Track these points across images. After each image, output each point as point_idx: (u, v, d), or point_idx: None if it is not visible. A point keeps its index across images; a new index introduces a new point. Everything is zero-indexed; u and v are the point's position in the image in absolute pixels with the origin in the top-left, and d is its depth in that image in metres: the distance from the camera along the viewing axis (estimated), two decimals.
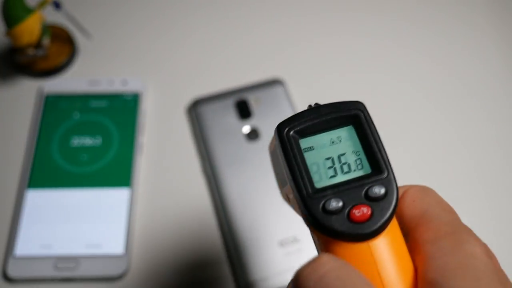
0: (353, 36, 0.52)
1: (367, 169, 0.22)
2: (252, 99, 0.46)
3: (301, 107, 0.46)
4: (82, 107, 0.45)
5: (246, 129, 0.44)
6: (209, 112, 0.45)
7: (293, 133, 0.23)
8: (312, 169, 0.22)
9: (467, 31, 0.53)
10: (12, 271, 0.38)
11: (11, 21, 0.42)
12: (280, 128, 0.23)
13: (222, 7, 0.53)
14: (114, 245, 0.39)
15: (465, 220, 0.41)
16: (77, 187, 0.42)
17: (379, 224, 0.21)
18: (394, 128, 0.46)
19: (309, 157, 0.23)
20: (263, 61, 0.50)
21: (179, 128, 0.46)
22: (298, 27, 0.52)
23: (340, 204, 0.21)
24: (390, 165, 0.22)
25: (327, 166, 0.22)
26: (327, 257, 0.20)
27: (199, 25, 0.52)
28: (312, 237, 0.23)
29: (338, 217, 0.21)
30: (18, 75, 0.48)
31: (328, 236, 0.21)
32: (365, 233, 0.20)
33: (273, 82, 0.47)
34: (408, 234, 0.22)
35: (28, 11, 0.43)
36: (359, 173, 0.22)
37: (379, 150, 0.22)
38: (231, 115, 0.45)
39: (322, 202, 0.21)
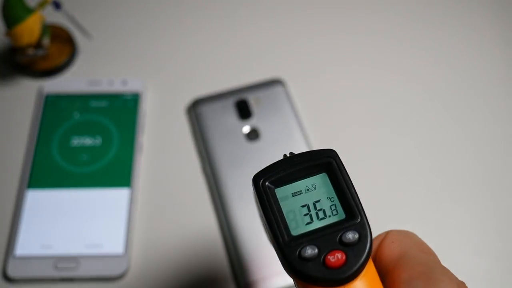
0: (353, 36, 0.52)
1: (342, 215, 0.23)
2: (252, 99, 0.46)
3: (301, 107, 0.46)
4: (82, 107, 0.45)
5: (246, 129, 0.44)
6: (209, 112, 0.45)
7: (268, 183, 0.24)
8: (289, 217, 0.23)
9: (467, 29, 0.53)
10: (12, 271, 0.38)
11: (11, 21, 0.42)
12: (256, 179, 0.24)
13: (222, 7, 0.53)
14: (114, 245, 0.39)
15: (468, 220, 0.41)
16: (77, 187, 0.42)
17: (354, 268, 0.21)
18: (394, 128, 0.46)
19: (285, 205, 0.23)
20: (263, 61, 0.50)
21: (179, 128, 0.46)
22: (298, 27, 0.52)
23: (316, 251, 0.22)
24: (363, 210, 0.23)
25: (303, 213, 0.23)
26: None
27: (199, 25, 0.52)
28: (294, 282, 0.24)
29: (314, 264, 0.21)
30: (18, 75, 0.48)
31: (306, 282, 0.22)
32: (341, 278, 0.21)
33: (273, 82, 0.47)
34: (386, 275, 0.23)
35: (28, 11, 0.43)
36: (334, 219, 0.23)
37: (352, 196, 0.23)
38: (231, 115, 0.45)
39: (298, 249, 0.22)
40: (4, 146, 0.44)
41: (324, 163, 0.24)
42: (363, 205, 0.23)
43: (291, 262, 0.22)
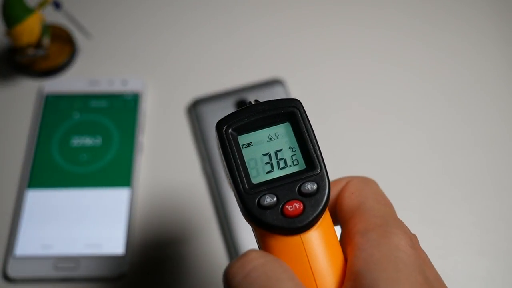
0: (353, 35, 0.52)
1: (302, 165, 0.23)
2: (252, 99, 0.45)
3: None
4: (82, 107, 0.45)
5: None
6: (209, 112, 0.45)
7: (231, 130, 0.24)
8: (250, 165, 0.23)
9: (467, 27, 0.53)
10: (12, 271, 0.38)
11: (11, 21, 0.42)
12: (219, 125, 0.24)
13: (222, 7, 0.53)
14: (114, 245, 0.39)
15: (471, 220, 0.41)
16: (77, 187, 0.42)
17: (310, 218, 0.22)
18: (394, 128, 0.46)
19: (247, 153, 0.24)
20: (263, 61, 0.50)
21: (179, 128, 0.46)
22: (298, 27, 0.52)
23: (274, 199, 0.22)
24: (323, 162, 0.23)
25: (265, 162, 0.23)
26: (255, 253, 0.21)
27: (199, 25, 0.52)
28: (252, 230, 0.24)
29: (272, 212, 0.22)
30: (18, 75, 0.48)
31: (263, 230, 0.22)
32: (297, 227, 0.22)
33: (273, 82, 0.47)
34: (344, 225, 0.23)
35: (28, 11, 0.43)
36: (295, 169, 0.23)
37: (313, 147, 0.23)
38: None
39: (258, 197, 0.22)
40: (4, 146, 0.44)
41: (288, 112, 0.24)
42: (323, 157, 0.23)
43: (250, 209, 0.22)
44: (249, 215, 0.22)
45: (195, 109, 0.45)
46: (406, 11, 0.54)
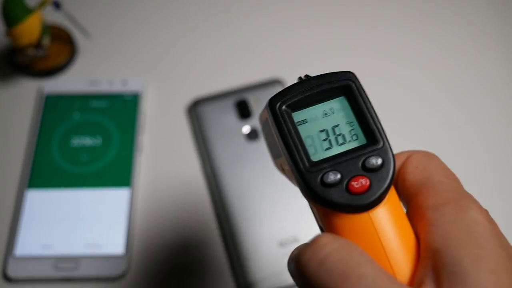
0: (354, 35, 0.52)
1: (362, 140, 0.22)
2: (252, 99, 0.46)
3: None
4: (82, 107, 0.45)
5: (246, 129, 0.44)
6: (209, 112, 0.45)
7: (285, 107, 0.22)
8: (307, 142, 0.22)
9: (467, 26, 0.53)
10: (12, 271, 0.38)
11: (11, 21, 0.42)
12: (272, 103, 0.23)
13: (222, 7, 0.53)
14: (114, 245, 0.39)
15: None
16: (77, 187, 0.42)
17: (378, 194, 0.21)
18: (394, 128, 0.46)
19: (303, 130, 0.22)
20: (263, 61, 0.50)
21: (179, 128, 0.46)
22: (298, 26, 0.52)
23: (338, 176, 0.21)
24: (385, 135, 0.22)
25: (322, 138, 0.22)
26: (326, 238, 0.20)
27: (199, 25, 0.52)
28: (311, 209, 0.23)
29: (336, 190, 0.21)
30: (18, 75, 0.48)
31: (328, 208, 0.21)
32: (365, 203, 0.21)
33: (273, 82, 0.47)
34: (410, 200, 0.22)
35: (28, 11, 0.43)
36: (355, 144, 0.22)
37: (373, 120, 0.22)
38: (231, 115, 0.45)
39: (320, 175, 0.21)
40: (4, 146, 0.44)
41: (343, 86, 0.23)
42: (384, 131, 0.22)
43: (313, 188, 0.21)
44: (312, 194, 0.21)
45: (195, 109, 0.45)
46: (407, 10, 0.54)
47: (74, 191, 0.41)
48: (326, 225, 0.22)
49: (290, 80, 0.47)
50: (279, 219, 0.40)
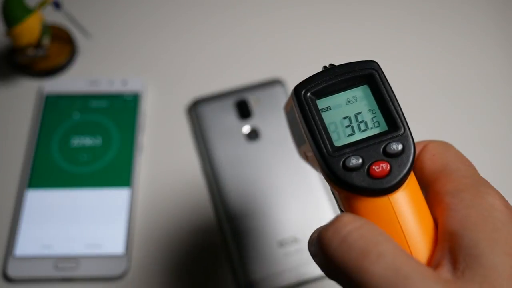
0: (354, 34, 0.52)
1: (384, 127, 0.23)
2: (252, 99, 0.46)
3: None
4: (82, 107, 0.45)
5: (246, 129, 0.44)
6: (209, 112, 0.45)
7: (310, 95, 0.23)
8: (331, 128, 0.23)
9: (467, 25, 0.53)
10: (12, 271, 0.38)
11: (11, 21, 0.42)
12: (297, 90, 0.23)
13: (222, 7, 0.53)
14: (114, 245, 0.39)
15: None
16: (77, 187, 0.42)
17: (398, 178, 0.21)
18: None
19: (326, 117, 0.23)
20: (263, 61, 0.50)
21: (179, 128, 0.46)
22: (298, 27, 0.52)
23: (360, 161, 0.22)
24: (406, 122, 0.23)
25: (345, 125, 0.23)
26: (348, 217, 0.21)
27: (199, 25, 0.52)
28: (333, 193, 0.24)
29: (358, 174, 0.22)
30: (18, 75, 0.48)
31: (349, 192, 0.22)
32: (385, 187, 0.21)
33: (273, 82, 0.47)
34: (428, 187, 0.23)
35: (28, 11, 0.43)
36: (376, 131, 0.23)
37: (395, 108, 0.23)
38: (231, 115, 0.45)
39: (342, 159, 0.22)
40: (4, 146, 0.44)
41: (366, 74, 0.24)
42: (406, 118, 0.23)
43: (335, 172, 0.22)
44: (335, 178, 0.22)
45: (195, 109, 0.45)
46: (407, 9, 0.54)
47: (74, 191, 0.41)
48: (347, 208, 0.23)
49: (290, 80, 0.48)
50: (279, 219, 0.40)
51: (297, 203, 0.41)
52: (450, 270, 0.19)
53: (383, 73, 0.24)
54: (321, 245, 0.20)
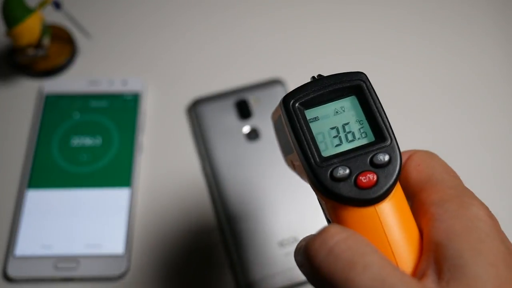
0: (354, 34, 0.52)
1: (371, 137, 0.23)
2: (252, 99, 0.46)
3: None
4: (82, 107, 0.45)
5: (246, 129, 0.44)
6: (209, 112, 0.45)
7: (298, 105, 0.24)
8: (318, 139, 0.23)
9: (467, 26, 0.53)
10: (12, 271, 0.38)
11: (11, 21, 0.42)
12: (285, 100, 0.24)
13: (222, 7, 0.53)
14: (114, 245, 0.39)
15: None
16: (77, 187, 0.42)
17: (384, 189, 0.22)
18: (394, 128, 0.46)
19: (314, 127, 0.24)
20: (263, 61, 0.50)
21: (179, 128, 0.46)
22: (299, 26, 0.52)
23: (347, 171, 0.22)
24: (393, 133, 0.23)
25: (333, 135, 0.23)
26: (335, 228, 0.21)
27: (199, 25, 0.52)
28: (320, 202, 0.24)
29: (345, 184, 0.22)
30: (18, 75, 0.48)
31: (336, 202, 0.22)
32: (372, 198, 0.22)
33: (273, 82, 0.47)
34: (414, 197, 0.23)
35: (28, 11, 0.43)
36: (364, 141, 0.23)
37: (382, 119, 0.23)
38: (231, 115, 0.45)
39: (330, 170, 0.22)
40: (4, 146, 0.44)
41: (354, 85, 0.24)
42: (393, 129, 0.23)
43: (322, 182, 0.22)
44: (322, 188, 0.22)
45: (195, 109, 0.45)
46: (407, 9, 0.54)
47: (74, 191, 0.41)
48: (334, 218, 0.23)
49: (290, 80, 0.48)
50: (279, 219, 0.40)
51: (297, 203, 0.41)
52: (435, 281, 0.20)
53: (370, 84, 0.24)
54: (307, 256, 0.21)
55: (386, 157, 0.22)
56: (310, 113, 0.24)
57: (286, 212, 0.40)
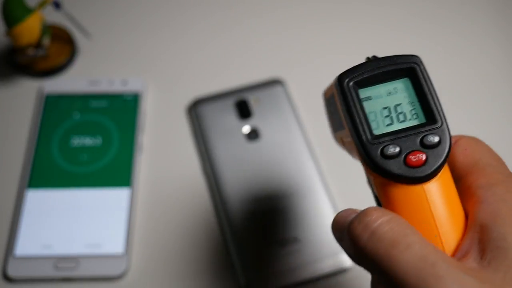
0: (354, 34, 0.52)
1: (422, 119, 0.24)
2: (252, 99, 0.46)
3: (301, 107, 0.47)
4: (82, 107, 0.45)
5: (246, 129, 0.44)
6: (209, 112, 0.45)
7: (353, 84, 0.24)
8: (370, 117, 0.24)
9: (467, 26, 0.53)
10: (12, 271, 0.38)
11: (11, 21, 0.42)
12: (340, 79, 0.25)
13: (223, 7, 0.53)
14: (114, 245, 0.39)
15: None
16: (77, 187, 0.42)
17: (432, 169, 0.23)
18: None
19: (367, 106, 0.24)
20: (263, 61, 0.50)
21: (179, 128, 0.46)
22: (299, 26, 0.52)
23: (398, 149, 0.23)
24: (444, 116, 0.24)
25: (384, 115, 0.24)
26: (377, 212, 0.22)
27: (199, 25, 0.52)
28: (368, 179, 0.25)
29: (395, 162, 0.23)
30: (18, 75, 0.48)
31: (385, 178, 0.23)
32: (420, 176, 0.23)
33: (273, 82, 0.47)
34: (459, 180, 0.24)
35: (28, 11, 0.43)
36: (415, 122, 0.24)
37: (434, 101, 0.24)
38: (231, 115, 0.45)
39: (381, 147, 0.23)
40: (4, 146, 0.44)
41: (408, 68, 0.25)
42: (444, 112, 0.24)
43: (373, 158, 0.23)
44: (372, 164, 0.23)
45: (195, 109, 0.45)
46: (407, 9, 0.54)
47: (74, 191, 0.41)
48: (381, 194, 0.24)
49: (290, 80, 0.48)
50: (279, 219, 0.40)
51: (297, 203, 0.41)
52: (476, 260, 0.21)
53: (424, 67, 0.25)
54: (351, 237, 0.22)
55: (436, 139, 0.23)
56: (363, 92, 0.24)
57: (286, 212, 0.40)
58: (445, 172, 0.23)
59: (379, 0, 0.54)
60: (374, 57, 0.25)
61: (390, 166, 0.23)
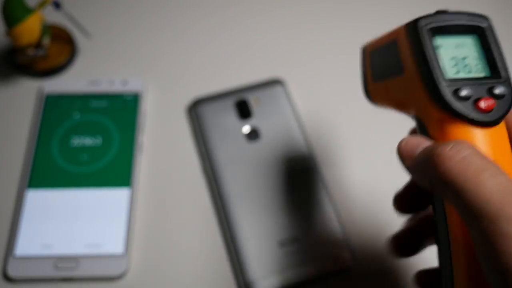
0: (354, 34, 0.52)
1: (488, 73, 0.26)
2: (252, 99, 0.46)
3: (301, 107, 0.47)
4: (82, 107, 0.45)
5: (246, 129, 0.44)
6: (209, 112, 0.45)
7: (429, 29, 0.26)
8: (441, 63, 0.25)
9: None
10: (12, 271, 0.38)
11: (11, 21, 0.42)
12: (419, 23, 0.26)
13: (222, 7, 0.53)
14: (114, 244, 0.39)
15: None
16: (77, 187, 0.42)
17: (499, 115, 0.25)
18: (393, 128, 0.46)
19: (438, 53, 0.26)
20: (263, 61, 0.50)
21: (179, 128, 0.46)
22: (299, 26, 0.52)
23: (470, 93, 0.25)
24: (509, 73, 0.25)
25: (451, 65, 0.26)
26: (467, 143, 0.23)
27: (200, 25, 0.52)
28: (417, 118, 0.27)
29: (466, 103, 0.25)
30: (18, 75, 0.48)
31: (454, 117, 0.25)
32: (487, 121, 0.24)
33: (273, 82, 0.47)
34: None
35: (28, 11, 0.43)
36: (481, 75, 0.26)
37: (501, 59, 0.26)
38: (231, 115, 0.45)
39: (454, 88, 0.25)
40: (4, 146, 0.44)
41: (479, 26, 0.27)
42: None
43: (444, 97, 0.25)
44: (442, 102, 0.25)
45: (195, 109, 0.45)
46: (407, 9, 0.54)
47: (74, 191, 0.41)
48: (437, 131, 0.25)
49: (290, 80, 0.48)
50: (279, 219, 0.40)
51: (297, 203, 0.41)
52: None
53: (493, 28, 0.26)
54: (435, 158, 0.23)
55: (503, 89, 0.25)
56: (435, 40, 0.26)
57: (286, 212, 0.40)
58: (502, 127, 0.25)
59: (380, 0, 0.54)
60: (446, 10, 0.27)
61: (462, 106, 0.24)
